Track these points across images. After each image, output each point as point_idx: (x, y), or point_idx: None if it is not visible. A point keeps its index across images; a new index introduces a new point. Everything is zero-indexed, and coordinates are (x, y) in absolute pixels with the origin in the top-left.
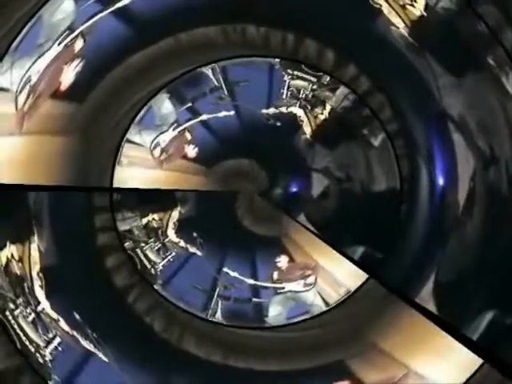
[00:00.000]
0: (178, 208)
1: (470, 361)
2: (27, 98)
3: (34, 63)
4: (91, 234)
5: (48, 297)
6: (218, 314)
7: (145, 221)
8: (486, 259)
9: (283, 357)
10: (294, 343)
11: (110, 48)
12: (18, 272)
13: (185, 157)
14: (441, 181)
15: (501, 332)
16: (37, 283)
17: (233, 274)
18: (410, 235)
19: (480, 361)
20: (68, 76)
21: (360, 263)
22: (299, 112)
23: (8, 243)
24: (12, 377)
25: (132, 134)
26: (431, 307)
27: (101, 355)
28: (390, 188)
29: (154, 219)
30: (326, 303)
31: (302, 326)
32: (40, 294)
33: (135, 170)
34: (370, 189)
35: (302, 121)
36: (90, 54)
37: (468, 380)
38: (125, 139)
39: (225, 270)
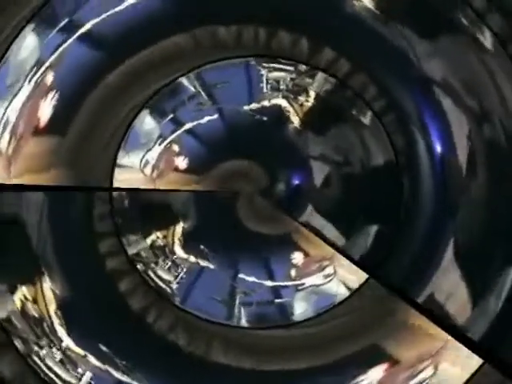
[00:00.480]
0: (181, 223)
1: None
2: (9, 141)
3: (8, 106)
4: (99, 262)
5: (70, 333)
6: (243, 322)
7: (149, 241)
8: (498, 215)
9: (316, 352)
10: (325, 336)
11: (82, 75)
12: (35, 313)
13: (176, 169)
14: (438, 148)
15: (501, 332)
16: (56, 321)
17: (249, 278)
18: (418, 207)
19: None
20: (45, 111)
21: (360, 263)
22: (283, 103)
23: (19, 285)
24: None
25: (120, 157)
26: (456, 277)
27: (134, 382)
28: (388, 162)
29: (158, 238)
30: (350, 290)
31: (330, 317)
32: (61, 331)
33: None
34: (369, 167)
35: (289, 111)
36: (62, 85)
37: (468, 380)
38: (116, 162)
39: (241, 276)
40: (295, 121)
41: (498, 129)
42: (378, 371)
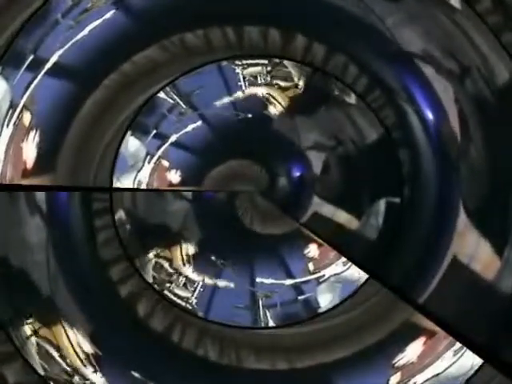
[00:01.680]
0: (186, 239)
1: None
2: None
3: None
4: (114, 288)
5: (99, 367)
6: (271, 323)
7: (160, 261)
8: (499, 169)
9: (349, 340)
10: (353, 324)
11: (58, 109)
12: (65, 354)
13: (171, 184)
14: (430, 116)
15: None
16: (84, 358)
17: (268, 281)
18: (421, 177)
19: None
20: (30, 152)
21: (360, 263)
22: (265, 97)
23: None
24: None
25: (113, 182)
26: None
27: None
28: (381, 138)
29: (167, 257)
30: (369, 273)
31: (354, 304)
32: (91, 367)
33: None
34: (364, 145)
35: (272, 104)
36: (41, 123)
37: (468, 380)
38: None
39: (258, 280)
40: (280, 113)
41: (481, 85)
42: (416, 346)
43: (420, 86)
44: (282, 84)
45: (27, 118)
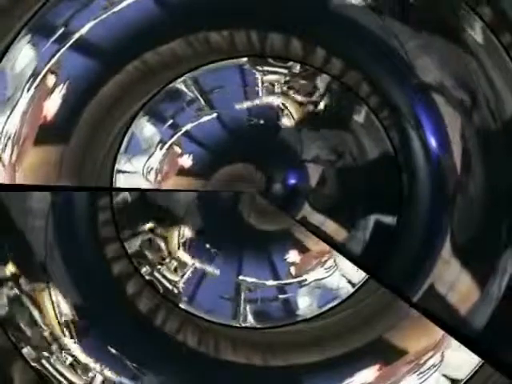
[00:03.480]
0: (185, 223)
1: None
2: (12, 152)
3: (9, 117)
4: (105, 267)
5: (79, 338)
6: (250, 318)
7: (154, 243)
8: (494, 208)
9: (321, 346)
10: (329, 330)
11: (79, 83)
12: (45, 320)
13: (180, 172)
14: (433, 144)
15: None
16: (65, 327)
17: (253, 276)
18: (415, 202)
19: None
20: (47, 117)
21: (360, 263)
22: (279, 105)
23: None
24: None
25: (122, 164)
26: (456, 268)
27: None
28: (384, 155)
29: (163, 239)
30: (352, 284)
31: (333, 311)
32: (71, 337)
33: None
34: (365, 163)
35: (284, 113)
36: (60, 94)
37: (468, 380)
38: (115, 171)
39: (244, 273)
40: (290, 122)
41: (489, 121)
42: (383, 363)
43: (429, 113)
44: (298, 97)
45: (48, 87)
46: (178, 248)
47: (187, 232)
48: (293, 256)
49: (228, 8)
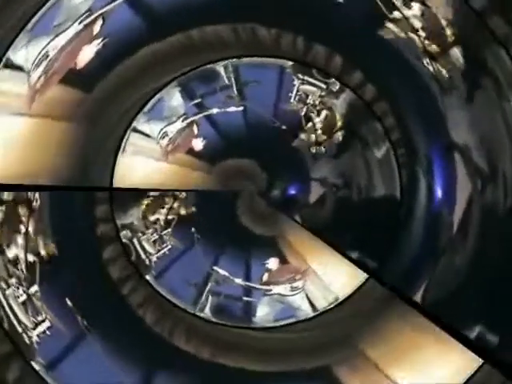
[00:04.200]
0: (179, 202)
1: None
2: (40, 75)
3: (51, 40)
4: (91, 224)
5: (42, 280)
6: (207, 310)
7: (143, 212)
8: (474, 280)
9: (270, 358)
10: (282, 345)
11: (125, 36)
12: (15, 253)
13: (190, 151)
14: (439, 195)
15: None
16: (32, 267)
17: (225, 271)
18: (403, 249)
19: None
20: (83, 58)
21: (360, 263)
22: (305, 117)
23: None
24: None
25: (140, 123)
26: None
27: (88, 343)
28: (388, 197)
29: (153, 211)
30: (314, 308)
31: (290, 329)
32: (34, 276)
33: (139, 160)
34: (368, 197)
35: (308, 126)
36: (107, 37)
37: (468, 380)
38: (131, 128)
39: (218, 266)
40: (311, 137)
41: (500, 198)
42: None
43: (444, 166)
44: (326, 113)
45: (98, 24)
46: (165, 224)
47: (179, 211)
48: (271, 264)
49: (281, 8)
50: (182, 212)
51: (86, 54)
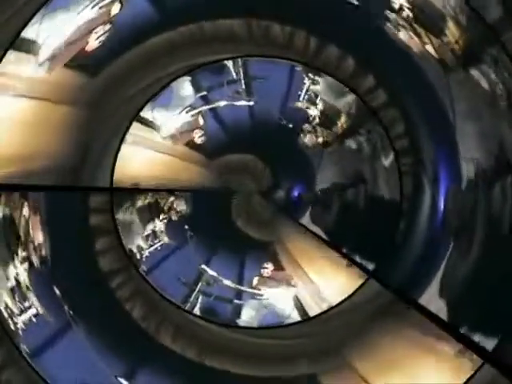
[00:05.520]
0: (174, 199)
1: None
2: (49, 52)
3: (65, 18)
4: (86, 215)
5: (32, 267)
6: (196, 310)
7: (140, 206)
8: (477, 288)
9: (256, 362)
10: (269, 350)
11: (137, 23)
12: (7, 236)
13: (190, 143)
14: (442, 206)
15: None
16: (24, 252)
17: (217, 272)
18: (404, 255)
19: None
20: (92, 42)
21: (360, 264)
22: (313, 117)
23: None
24: None
25: (145, 111)
26: None
27: (73, 333)
28: (392, 203)
29: (149, 205)
30: (303, 315)
31: (278, 334)
32: (24, 263)
33: (138, 150)
34: (371, 203)
35: (315, 127)
36: (120, 22)
37: (468, 380)
38: (134, 116)
39: (210, 266)
40: (318, 138)
41: (507, 203)
42: None
43: (449, 175)
44: (335, 115)
45: (115, 9)
46: (159, 218)
47: (173, 207)
48: (265, 268)
49: (297, 7)
50: (177, 208)
51: (96, 38)
